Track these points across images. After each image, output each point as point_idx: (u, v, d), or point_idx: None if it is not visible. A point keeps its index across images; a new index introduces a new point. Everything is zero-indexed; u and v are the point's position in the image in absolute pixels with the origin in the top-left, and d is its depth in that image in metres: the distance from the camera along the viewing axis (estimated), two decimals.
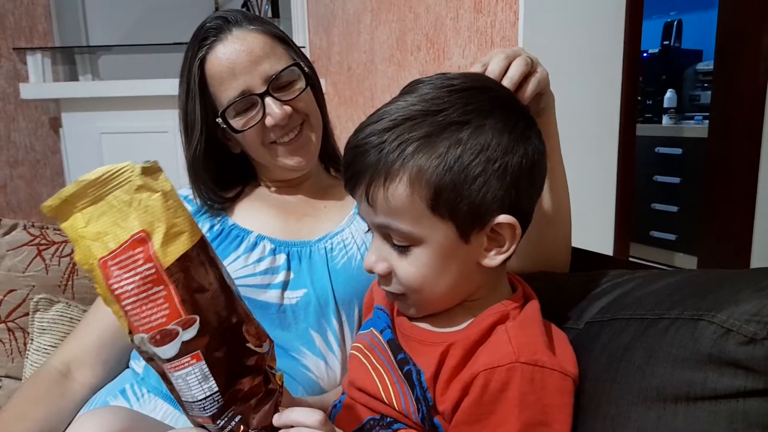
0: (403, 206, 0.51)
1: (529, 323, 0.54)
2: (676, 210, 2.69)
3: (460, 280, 0.54)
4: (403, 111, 0.51)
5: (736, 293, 0.49)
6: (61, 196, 0.46)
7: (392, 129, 0.50)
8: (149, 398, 0.74)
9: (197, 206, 0.86)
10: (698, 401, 0.47)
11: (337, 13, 2.00)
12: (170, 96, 2.66)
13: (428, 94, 0.52)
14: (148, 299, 0.44)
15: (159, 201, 0.45)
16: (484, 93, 0.53)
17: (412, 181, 0.50)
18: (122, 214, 0.45)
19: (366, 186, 0.52)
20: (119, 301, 0.45)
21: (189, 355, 0.44)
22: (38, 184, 2.94)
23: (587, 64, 1.21)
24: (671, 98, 2.95)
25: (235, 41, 0.78)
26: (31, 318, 0.98)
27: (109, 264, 0.44)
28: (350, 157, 0.53)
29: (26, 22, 2.82)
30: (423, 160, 0.49)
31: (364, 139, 0.52)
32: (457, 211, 0.50)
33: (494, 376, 0.50)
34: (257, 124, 0.79)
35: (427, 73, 1.51)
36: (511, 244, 0.53)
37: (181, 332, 0.44)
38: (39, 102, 2.76)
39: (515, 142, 0.52)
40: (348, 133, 0.55)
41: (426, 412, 0.54)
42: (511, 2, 1.19)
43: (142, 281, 0.44)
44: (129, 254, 0.44)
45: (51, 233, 1.06)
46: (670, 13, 3.11)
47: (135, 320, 0.44)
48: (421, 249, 0.52)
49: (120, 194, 0.45)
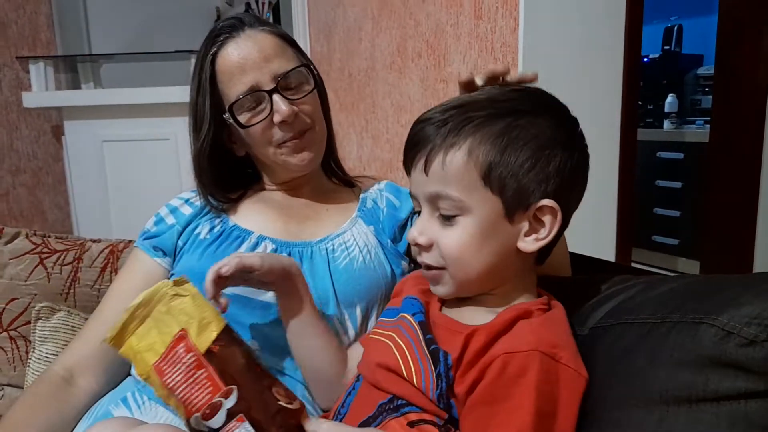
0: (458, 173, 0.55)
1: (553, 324, 0.56)
2: (678, 214, 2.69)
3: (496, 260, 0.57)
4: (469, 98, 0.58)
5: (737, 296, 0.49)
6: (118, 326, 0.58)
7: (456, 108, 0.57)
8: (150, 406, 0.74)
9: (198, 207, 0.87)
10: (700, 403, 0.47)
11: (338, 20, 2.01)
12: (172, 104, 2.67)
13: (493, 91, 0.60)
14: (195, 382, 0.54)
15: (189, 303, 0.57)
16: (545, 95, 0.60)
17: (470, 151, 0.55)
18: (164, 323, 0.56)
19: (426, 155, 0.57)
20: (174, 393, 0.55)
21: (234, 419, 0.53)
22: (40, 191, 2.95)
23: (587, 70, 1.21)
24: (672, 103, 2.95)
25: (247, 39, 0.80)
26: (32, 326, 0.98)
27: (161, 365, 0.56)
28: (415, 131, 0.58)
29: (29, 31, 2.84)
30: (482, 135, 0.55)
31: (430, 116, 0.58)
32: (505, 186, 0.55)
33: (513, 360, 0.51)
34: (264, 121, 0.80)
35: (428, 79, 1.52)
36: (550, 230, 0.56)
37: (224, 402, 0.53)
38: (41, 110, 2.78)
39: (567, 139, 0.57)
40: (349, 140, 0.56)
41: (444, 389, 0.55)
42: (511, 8, 1.20)
43: (187, 369, 0.55)
44: (174, 351, 0.55)
45: (53, 242, 1.06)
46: (670, 18, 3.12)
47: (188, 404, 0.54)
48: (467, 219, 0.56)
49: (160, 307, 0.57)
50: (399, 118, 1.68)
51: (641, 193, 2.45)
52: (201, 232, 0.84)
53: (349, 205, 0.90)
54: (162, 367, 0.56)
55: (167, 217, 0.87)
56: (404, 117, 1.65)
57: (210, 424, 0.53)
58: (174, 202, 0.90)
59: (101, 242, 1.09)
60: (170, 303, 0.57)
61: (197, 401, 0.54)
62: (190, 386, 0.54)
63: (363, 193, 0.93)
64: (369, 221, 0.87)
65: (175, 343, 0.56)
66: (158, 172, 2.34)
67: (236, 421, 0.53)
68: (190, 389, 0.54)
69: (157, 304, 0.58)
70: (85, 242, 1.08)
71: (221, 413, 0.53)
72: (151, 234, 0.86)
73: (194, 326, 0.56)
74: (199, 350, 0.55)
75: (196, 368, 0.54)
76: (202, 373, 0.54)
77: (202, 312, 0.57)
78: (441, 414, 0.56)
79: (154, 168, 2.35)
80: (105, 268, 1.05)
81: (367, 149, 1.89)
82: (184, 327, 0.56)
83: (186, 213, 0.87)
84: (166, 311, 0.57)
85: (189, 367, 0.55)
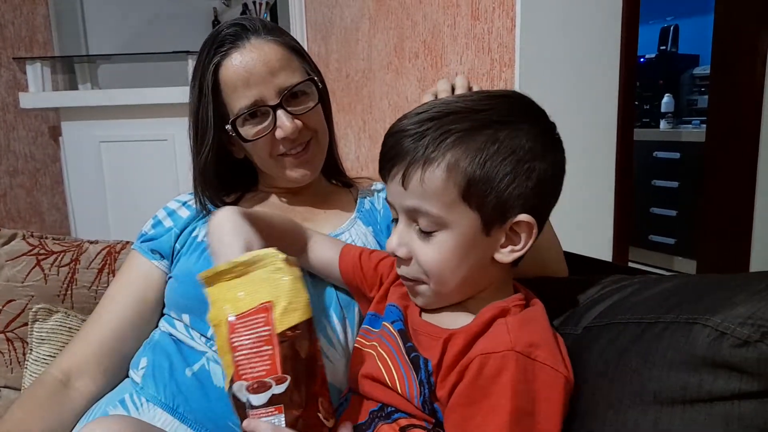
0: (437, 190, 0.54)
1: (530, 321, 0.56)
2: (674, 214, 2.70)
3: (474, 272, 0.58)
4: (445, 107, 0.56)
5: (731, 297, 0.49)
6: (216, 270, 0.59)
7: (434, 120, 0.55)
8: (148, 407, 0.74)
9: (196, 210, 0.87)
10: (694, 404, 0.47)
11: (335, 20, 2.01)
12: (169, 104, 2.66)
13: (468, 97, 0.58)
14: (257, 354, 0.54)
15: (288, 282, 0.57)
16: (522, 101, 0.59)
17: (449, 168, 0.54)
18: (257, 287, 0.57)
19: (404, 169, 0.56)
20: (233, 353, 0.55)
21: (274, 406, 0.53)
22: (38, 192, 2.94)
23: (584, 70, 1.21)
24: (668, 103, 2.95)
25: (252, 50, 0.78)
26: (30, 328, 0.98)
27: (236, 323, 0.56)
28: (391, 142, 0.58)
29: (26, 32, 2.83)
30: (461, 151, 0.54)
31: (406, 126, 0.57)
32: (484, 202, 0.54)
33: (489, 361, 0.52)
34: (266, 136, 0.79)
35: (426, 80, 1.52)
36: (526, 242, 0.57)
37: (273, 386, 0.53)
38: (38, 111, 2.77)
39: (545, 149, 0.56)
40: (347, 141, 0.56)
41: (428, 395, 0.56)
42: (507, 9, 1.20)
43: (256, 338, 0.55)
44: (253, 317, 0.55)
45: (50, 243, 1.06)
46: (666, 19, 3.12)
47: (240, 369, 0.55)
48: (445, 234, 0.56)
49: (260, 273, 0.57)
50: (396, 118, 1.68)
51: (638, 192, 2.45)
52: (199, 234, 0.84)
53: (347, 207, 0.90)
54: (236, 324, 0.56)
55: (165, 220, 0.87)
56: None
57: (251, 398, 0.54)
58: (171, 205, 0.89)
59: (98, 243, 1.09)
60: (272, 273, 0.57)
61: (250, 372, 0.54)
62: (252, 355, 0.55)
63: (360, 194, 0.93)
64: (367, 222, 0.88)
65: (257, 310, 0.56)
66: (156, 172, 2.33)
67: (274, 408, 0.53)
68: (250, 358, 0.55)
69: (259, 269, 0.57)
70: (82, 243, 1.08)
71: (266, 394, 0.53)
72: (148, 237, 0.86)
73: (282, 304, 0.55)
74: (275, 327, 0.55)
75: (265, 342, 0.54)
76: (267, 350, 0.54)
77: (295, 296, 0.56)
78: (428, 419, 0.57)
79: (151, 168, 2.35)
80: (102, 270, 1.05)
81: (365, 149, 1.89)
82: (272, 300, 0.56)
83: (183, 216, 0.87)
84: (264, 278, 0.57)
85: (259, 338, 0.55)
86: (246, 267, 0.58)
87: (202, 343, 0.77)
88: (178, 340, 0.79)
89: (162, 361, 0.77)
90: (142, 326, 0.83)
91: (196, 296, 0.77)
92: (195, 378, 0.74)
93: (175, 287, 0.81)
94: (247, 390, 0.54)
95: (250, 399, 0.54)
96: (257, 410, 0.54)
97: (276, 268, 0.57)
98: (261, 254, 0.58)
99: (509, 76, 1.21)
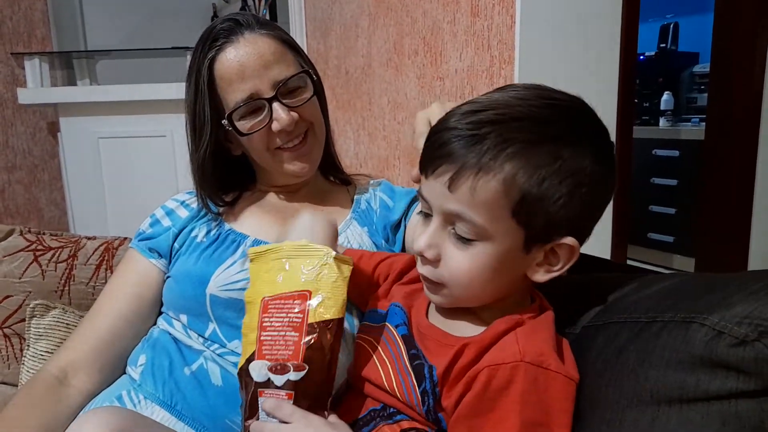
0: (487, 202, 0.51)
1: (539, 329, 0.55)
2: (673, 212, 2.70)
3: (503, 285, 0.56)
4: (508, 110, 0.51)
5: (728, 296, 0.49)
6: (267, 247, 0.61)
7: (495, 124, 0.51)
8: (146, 404, 0.74)
9: (195, 210, 0.86)
10: (691, 403, 0.47)
11: (334, 17, 2.01)
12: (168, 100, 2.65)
13: (531, 101, 0.52)
14: (284, 338, 0.55)
15: (331, 279, 0.57)
16: (587, 116, 0.54)
17: (506, 181, 0.50)
18: (300, 275, 0.57)
19: (453, 172, 0.51)
20: (261, 331, 0.57)
21: (285, 391, 0.54)
22: (36, 188, 2.94)
23: (584, 67, 1.21)
24: (668, 101, 2.95)
25: (246, 44, 0.78)
26: (27, 324, 0.97)
27: (270, 303, 0.57)
28: (444, 138, 0.52)
29: (24, 27, 2.82)
30: (520, 163, 0.50)
31: (463, 124, 0.52)
32: (533, 221, 0.51)
33: (498, 373, 0.50)
34: (263, 129, 0.79)
35: (425, 77, 1.51)
36: (564, 265, 0.54)
37: (291, 371, 0.54)
38: (37, 107, 2.76)
39: (606, 174, 0.53)
40: (346, 138, 0.55)
41: (432, 405, 0.55)
42: (507, 6, 1.20)
43: (287, 323, 0.56)
44: (289, 302, 0.57)
45: (47, 239, 1.06)
46: (666, 16, 3.12)
47: (264, 349, 0.56)
48: (485, 246, 0.53)
49: (308, 262, 0.58)
50: (395, 115, 1.68)
51: (637, 190, 2.45)
52: (198, 235, 0.83)
53: (344, 207, 0.90)
54: (269, 304, 0.57)
55: (163, 219, 0.87)
56: (401, 114, 1.65)
57: (273, 377, 0.55)
58: (170, 204, 0.89)
59: (96, 239, 1.08)
60: (318, 266, 0.57)
61: (273, 353, 0.55)
62: (278, 338, 0.55)
63: (357, 193, 0.93)
64: (363, 223, 0.87)
65: (295, 296, 0.56)
66: (154, 168, 2.33)
67: (285, 393, 0.54)
68: (276, 340, 0.55)
69: (308, 258, 0.58)
70: (80, 239, 1.08)
71: (283, 378, 0.54)
72: (146, 235, 0.86)
73: (319, 297, 0.56)
74: (307, 317, 0.55)
75: (293, 329, 0.55)
76: (294, 336, 0.55)
77: (334, 294, 0.56)
78: (431, 426, 0.56)
79: (150, 164, 2.35)
80: (100, 266, 1.05)
81: (364, 147, 1.89)
82: (311, 290, 0.56)
83: (182, 216, 0.86)
84: (310, 268, 0.57)
85: (290, 322, 0.55)
86: (296, 252, 0.59)
87: (200, 343, 0.77)
88: (176, 338, 0.79)
89: (162, 359, 0.77)
90: (139, 324, 0.83)
91: (194, 297, 0.77)
92: (193, 377, 0.74)
93: (173, 287, 0.81)
94: (269, 370, 0.55)
95: (273, 379, 0.55)
96: (270, 390, 0.55)
97: (323, 263, 0.57)
98: (313, 247, 0.59)
99: (509, 73, 1.21)
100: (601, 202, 0.54)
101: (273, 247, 0.60)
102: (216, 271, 0.77)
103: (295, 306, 0.56)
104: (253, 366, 0.56)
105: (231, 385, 0.73)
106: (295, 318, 0.56)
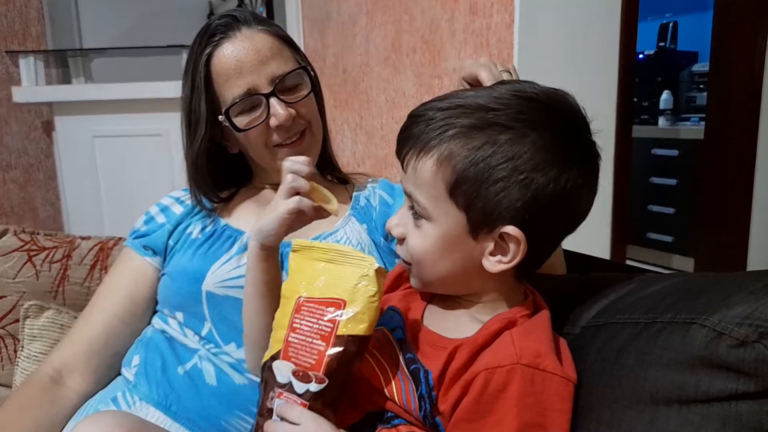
0: (426, 181, 0.53)
1: (535, 329, 0.55)
2: (672, 212, 2.70)
3: (459, 272, 0.56)
4: (464, 99, 0.54)
5: (728, 296, 0.49)
6: (312, 243, 0.60)
7: (445, 110, 0.53)
8: (141, 406, 0.73)
9: (190, 206, 0.86)
10: (690, 404, 0.47)
11: (332, 15, 2.00)
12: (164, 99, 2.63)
13: (497, 92, 0.54)
14: (309, 345, 0.55)
15: (368, 294, 0.56)
16: (547, 109, 0.53)
17: (440, 161, 0.52)
18: (340, 282, 0.56)
19: (406, 152, 0.55)
20: (290, 331, 0.56)
21: (302, 400, 0.54)
22: (31, 188, 2.92)
23: (582, 66, 1.20)
24: (667, 100, 2.95)
25: (243, 40, 0.78)
26: (21, 325, 0.97)
27: (304, 304, 0.56)
28: (406, 123, 0.56)
29: (19, 25, 2.80)
30: (455, 146, 0.52)
31: (422, 111, 0.55)
32: (471, 205, 0.52)
33: (494, 376, 0.50)
34: (260, 125, 0.79)
35: (423, 75, 1.51)
36: (514, 257, 0.53)
37: (313, 382, 0.53)
38: (32, 105, 2.75)
39: (551, 163, 0.51)
40: (343, 136, 0.55)
41: (429, 409, 0.55)
42: (506, 4, 1.19)
43: (316, 329, 0.55)
44: (323, 308, 0.55)
45: (42, 239, 1.05)
46: (665, 15, 3.12)
47: (290, 351, 0.55)
48: (431, 225, 0.55)
49: (350, 269, 0.56)
50: (393, 114, 1.67)
51: (636, 190, 2.44)
52: (193, 231, 0.83)
53: (342, 205, 0.89)
54: (303, 306, 0.56)
55: (158, 216, 0.86)
56: (399, 113, 1.64)
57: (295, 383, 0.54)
58: (165, 201, 0.88)
59: (90, 239, 1.08)
60: (358, 277, 0.56)
61: (298, 358, 0.55)
62: (305, 342, 0.55)
63: (356, 191, 0.93)
64: (362, 219, 0.87)
65: (330, 303, 0.55)
66: (150, 167, 2.32)
67: (301, 403, 0.54)
68: (303, 345, 0.55)
69: (350, 266, 0.57)
70: (74, 239, 1.07)
71: (305, 386, 0.54)
72: (141, 233, 0.85)
73: (352, 310, 0.55)
74: (337, 328, 0.54)
75: (321, 337, 0.54)
76: (320, 345, 0.54)
77: (368, 309, 0.55)
78: (429, 430, 0.56)
79: (146, 164, 2.33)
80: (94, 266, 1.04)
81: (362, 145, 1.88)
82: (346, 300, 0.55)
83: (177, 212, 0.86)
84: (348, 276, 0.56)
85: (319, 329, 0.55)
86: (340, 257, 0.58)
87: (195, 341, 0.76)
88: (171, 337, 0.78)
89: (154, 359, 0.76)
90: (134, 323, 0.82)
91: (190, 294, 0.76)
92: (187, 377, 0.74)
93: (169, 284, 0.81)
94: (293, 374, 0.54)
95: (293, 384, 0.54)
96: (288, 393, 0.54)
97: (363, 274, 0.56)
98: (359, 254, 0.57)
99: None
100: (543, 192, 0.51)
101: (319, 245, 0.59)
102: (212, 268, 0.77)
103: (326, 314, 0.55)
104: (277, 365, 0.55)
105: (226, 385, 0.73)
106: (325, 327, 0.55)
